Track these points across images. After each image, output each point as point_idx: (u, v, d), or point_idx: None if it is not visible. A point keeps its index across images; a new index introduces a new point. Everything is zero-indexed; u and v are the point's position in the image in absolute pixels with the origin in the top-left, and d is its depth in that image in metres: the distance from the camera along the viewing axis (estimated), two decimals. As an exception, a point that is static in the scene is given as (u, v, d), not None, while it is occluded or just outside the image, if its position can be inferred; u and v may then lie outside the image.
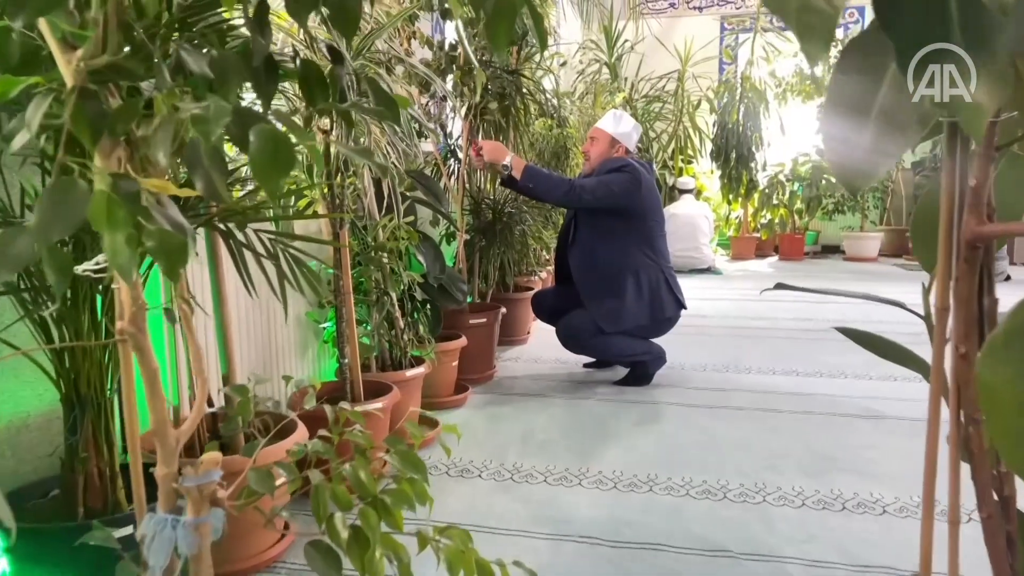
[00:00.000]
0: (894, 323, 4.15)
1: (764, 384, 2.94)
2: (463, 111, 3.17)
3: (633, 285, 2.85)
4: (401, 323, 2.36)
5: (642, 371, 2.92)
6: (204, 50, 0.65)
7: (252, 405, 0.85)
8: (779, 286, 0.93)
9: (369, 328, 2.33)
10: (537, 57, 3.62)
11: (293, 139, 0.55)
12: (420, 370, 2.29)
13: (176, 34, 0.71)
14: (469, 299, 3.30)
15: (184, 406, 1.56)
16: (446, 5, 2.97)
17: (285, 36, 1.87)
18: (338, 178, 2.06)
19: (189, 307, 0.70)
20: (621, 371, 3.04)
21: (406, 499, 0.72)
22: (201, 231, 1.47)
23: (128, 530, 1.00)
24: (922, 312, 0.82)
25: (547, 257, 4.42)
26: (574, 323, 2.88)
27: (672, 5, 8.62)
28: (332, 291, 2.11)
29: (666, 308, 2.91)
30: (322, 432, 0.88)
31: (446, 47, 3.09)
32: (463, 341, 2.71)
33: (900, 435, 2.34)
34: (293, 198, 2.10)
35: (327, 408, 0.92)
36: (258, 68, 0.61)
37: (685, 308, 3.01)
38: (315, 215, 1.93)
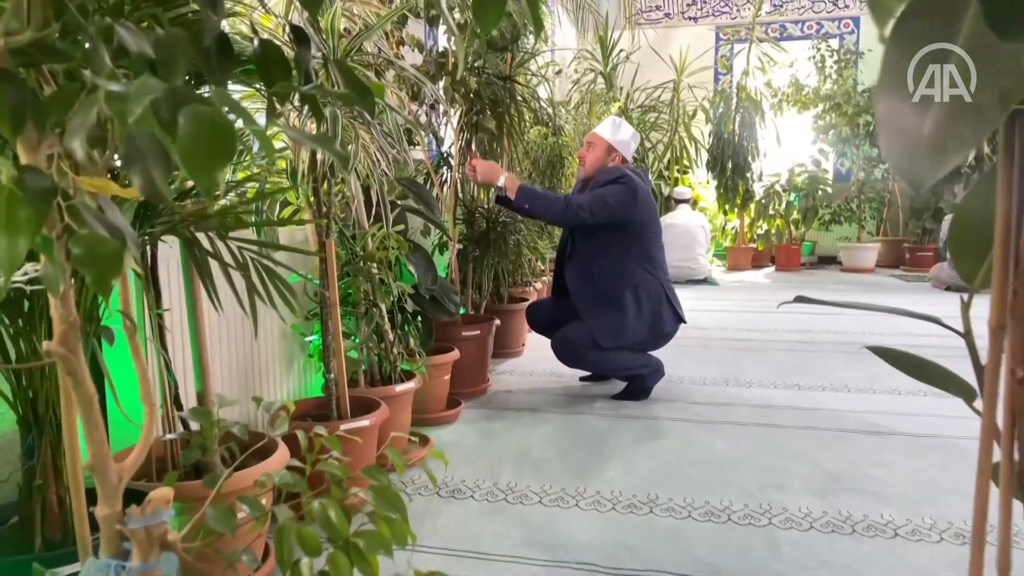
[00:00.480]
0: (898, 335, 4.11)
1: (765, 398, 2.86)
2: (455, 118, 3.10)
3: (632, 301, 2.77)
4: (391, 336, 2.27)
5: (640, 385, 2.84)
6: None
7: (216, 430, 0.76)
8: (799, 299, 0.84)
9: (357, 341, 2.24)
10: (532, 64, 3.56)
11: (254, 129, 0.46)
12: (410, 385, 2.19)
13: (126, 10, 0.63)
14: (462, 311, 3.21)
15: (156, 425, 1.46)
16: (433, 12, 2.92)
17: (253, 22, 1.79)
18: (324, 185, 1.98)
19: (132, 324, 0.61)
20: (618, 385, 2.96)
21: (383, 543, 0.63)
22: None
23: (77, 567, 0.91)
24: (961, 328, 0.74)
25: (542, 268, 4.34)
26: (570, 337, 2.79)
27: (667, 15, 8.60)
28: (318, 303, 2.03)
29: (666, 323, 2.84)
30: (293, 462, 0.79)
31: (435, 53, 3.03)
32: (455, 354, 2.62)
33: (908, 453, 2.26)
34: (278, 206, 2.02)
35: (299, 434, 0.83)
36: (209, 49, 0.52)
37: (684, 322, 2.93)
38: (298, 222, 1.84)
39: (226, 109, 0.47)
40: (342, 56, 1.88)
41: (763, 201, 7.49)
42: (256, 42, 0.55)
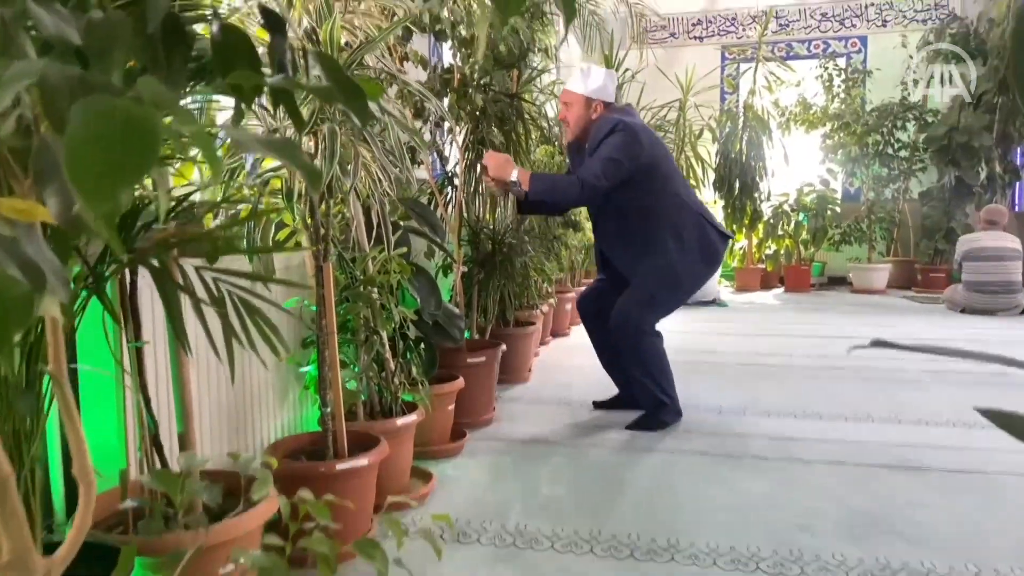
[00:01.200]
0: (918, 361, 3.96)
1: (786, 429, 2.71)
2: (460, 137, 3.00)
3: (674, 240, 2.68)
4: (392, 365, 2.14)
5: (657, 417, 2.70)
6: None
7: (180, 493, 0.64)
8: (877, 343, 0.71)
9: (356, 370, 2.11)
10: (538, 81, 3.46)
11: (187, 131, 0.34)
12: (412, 418, 2.06)
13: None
14: (467, 334, 3.09)
15: (133, 468, 1.34)
16: (439, 27, 2.82)
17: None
18: (323, 206, 1.86)
19: (60, 386, 0.48)
20: (631, 415, 2.81)
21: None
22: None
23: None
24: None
25: (549, 290, 4.21)
26: (623, 305, 2.68)
27: (673, 35, 8.56)
28: (314, 330, 1.90)
29: (715, 244, 2.76)
30: (270, 539, 0.66)
31: (439, 70, 2.93)
32: (460, 383, 2.48)
33: (944, 491, 2.11)
34: (273, 227, 1.90)
35: (281, 501, 0.70)
36: (154, 36, 0.41)
37: (731, 237, 2.88)
38: (290, 250, 1.73)
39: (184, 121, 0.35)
40: (343, 68, 1.77)
41: (771, 221, 7.37)
42: (215, 27, 0.43)
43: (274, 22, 0.52)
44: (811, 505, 2.00)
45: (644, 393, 2.76)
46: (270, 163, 1.84)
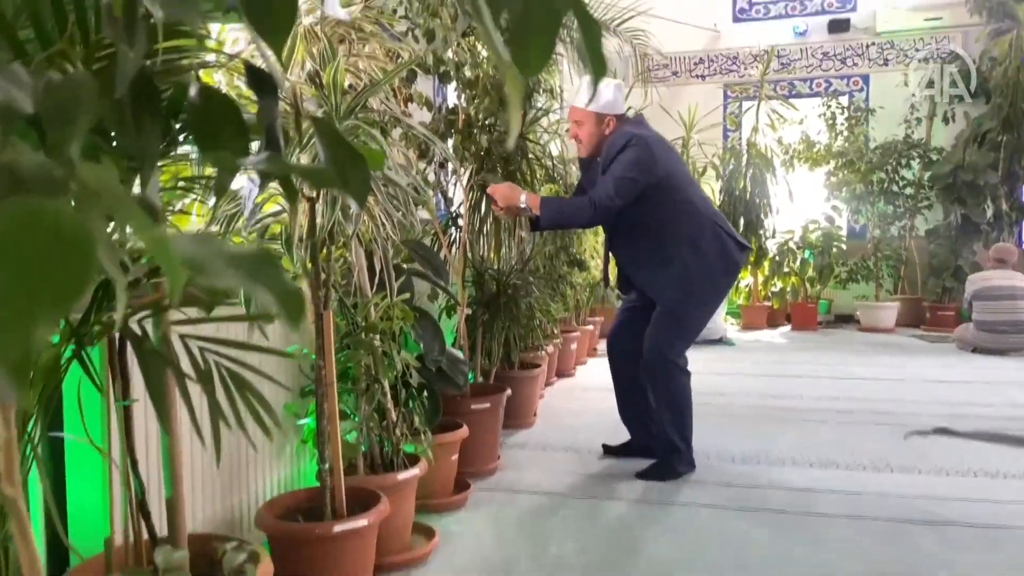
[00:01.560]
0: (933, 403, 3.86)
1: (802, 479, 2.61)
2: (464, 177, 2.96)
3: (691, 253, 2.61)
4: (393, 415, 2.06)
5: (670, 466, 2.61)
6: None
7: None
8: (939, 431, 0.63)
9: (357, 420, 2.03)
10: (544, 120, 3.44)
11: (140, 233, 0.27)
12: (414, 471, 1.97)
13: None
14: (471, 377, 3.00)
15: (118, 535, 1.25)
16: (443, 68, 2.80)
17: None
18: (324, 251, 1.80)
19: (12, 495, 0.41)
20: (642, 464, 2.71)
21: None
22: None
23: None
24: None
25: (554, 330, 4.13)
26: (651, 334, 2.62)
27: (675, 73, 8.61)
28: (312, 380, 1.83)
29: (734, 255, 2.69)
30: None
31: (444, 111, 2.90)
32: (464, 432, 2.40)
33: (974, 548, 2.00)
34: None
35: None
36: (122, 100, 0.34)
37: (749, 248, 2.82)
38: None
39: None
40: (345, 113, 1.73)
41: (777, 258, 7.31)
42: (194, 91, 0.37)
43: (262, 82, 0.46)
44: (835, 566, 1.90)
45: (661, 437, 2.67)
46: (270, 208, 1.79)
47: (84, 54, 0.46)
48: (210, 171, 1.74)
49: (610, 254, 2.90)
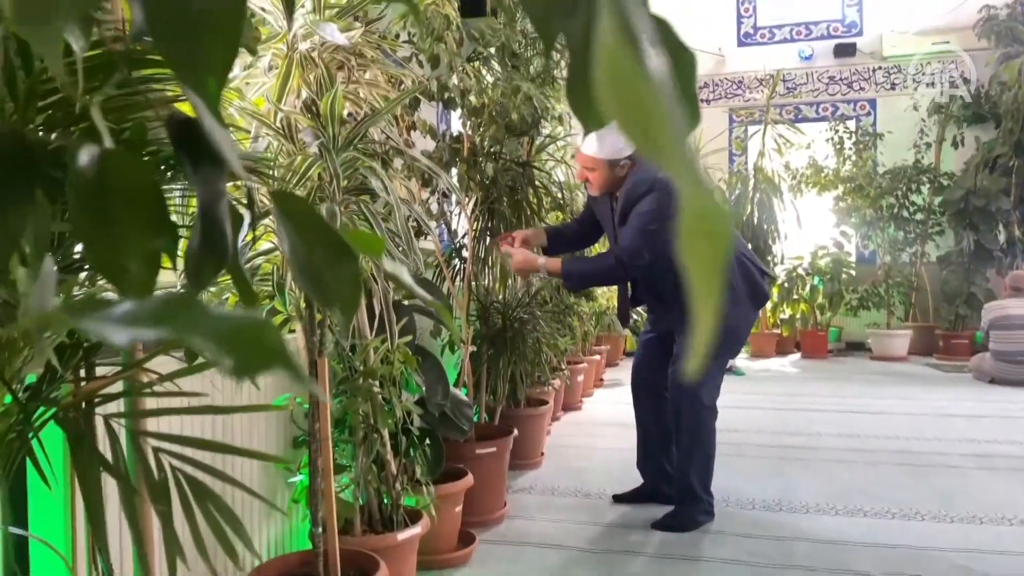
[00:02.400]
0: (955, 441, 3.70)
1: (829, 530, 2.45)
2: (469, 207, 2.83)
3: (729, 292, 2.44)
4: (393, 467, 1.91)
5: (689, 516, 2.46)
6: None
7: None
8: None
9: (353, 472, 1.88)
10: (551, 148, 3.32)
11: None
12: (416, 530, 1.82)
13: None
14: (474, 413, 2.85)
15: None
16: (448, 95, 2.69)
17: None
18: (319, 292, 1.67)
19: None
20: (657, 510, 2.55)
21: None
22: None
23: None
24: None
25: (560, 364, 3.98)
26: (681, 379, 2.48)
27: (679, 98, 8.55)
28: (305, 432, 1.69)
29: (763, 285, 2.58)
30: None
31: (448, 139, 2.79)
32: (468, 481, 2.24)
33: (1024, 615, 1.84)
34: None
35: None
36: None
37: (774, 278, 2.69)
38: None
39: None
40: (343, 144, 1.60)
41: (786, 285, 7.18)
42: (85, 159, 0.24)
43: (194, 143, 0.32)
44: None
45: (682, 484, 2.51)
46: (260, 247, 1.66)
47: None
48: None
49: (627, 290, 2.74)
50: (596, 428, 4.03)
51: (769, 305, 7.33)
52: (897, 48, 7.55)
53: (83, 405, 0.68)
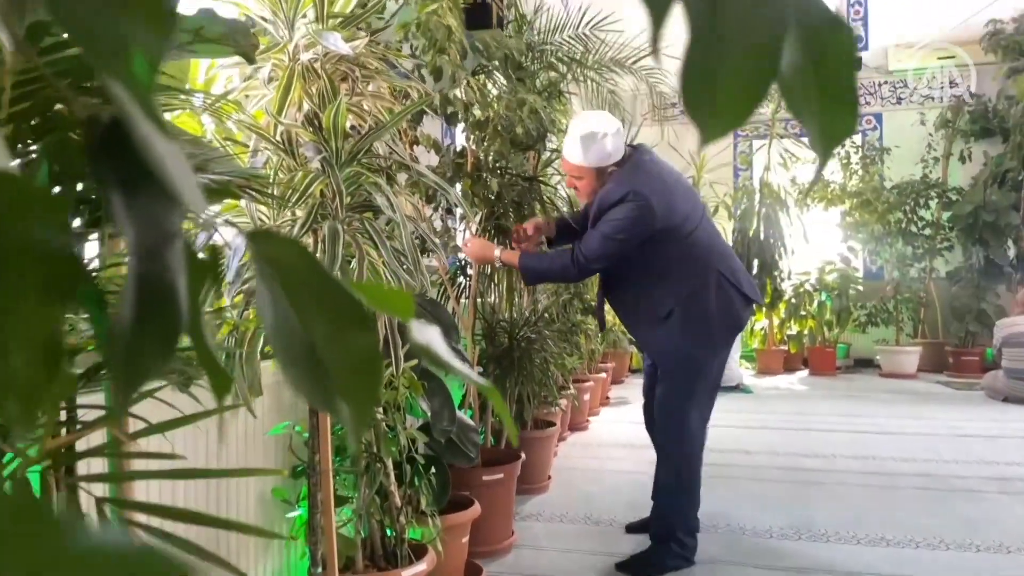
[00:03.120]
0: (974, 463, 3.58)
1: (851, 560, 2.34)
2: (475, 223, 2.75)
3: (687, 307, 2.28)
4: (397, 498, 1.81)
5: (658, 556, 2.28)
6: None
7: None
8: None
9: (356, 499, 1.78)
10: (557, 162, 3.24)
11: None
12: (421, 567, 1.72)
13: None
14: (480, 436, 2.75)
15: None
16: (451, 109, 2.62)
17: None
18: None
19: None
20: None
21: None
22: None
23: None
24: None
25: (567, 383, 3.88)
26: (660, 399, 2.38)
27: (682, 112, 8.50)
28: (305, 463, 1.59)
29: (737, 311, 2.36)
30: None
31: (452, 153, 2.71)
32: (475, 510, 2.14)
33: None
34: (261, 341, 1.61)
35: None
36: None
37: (760, 303, 2.65)
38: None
39: None
40: (347, 159, 1.52)
41: (793, 301, 7.08)
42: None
43: (120, 161, 0.22)
44: None
45: (658, 519, 2.36)
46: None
47: None
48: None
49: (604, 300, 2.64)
50: (604, 449, 3.92)
51: (776, 321, 7.23)
52: (903, 62, 7.50)
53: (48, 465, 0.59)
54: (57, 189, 0.49)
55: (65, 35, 0.44)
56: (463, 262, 2.95)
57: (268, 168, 1.51)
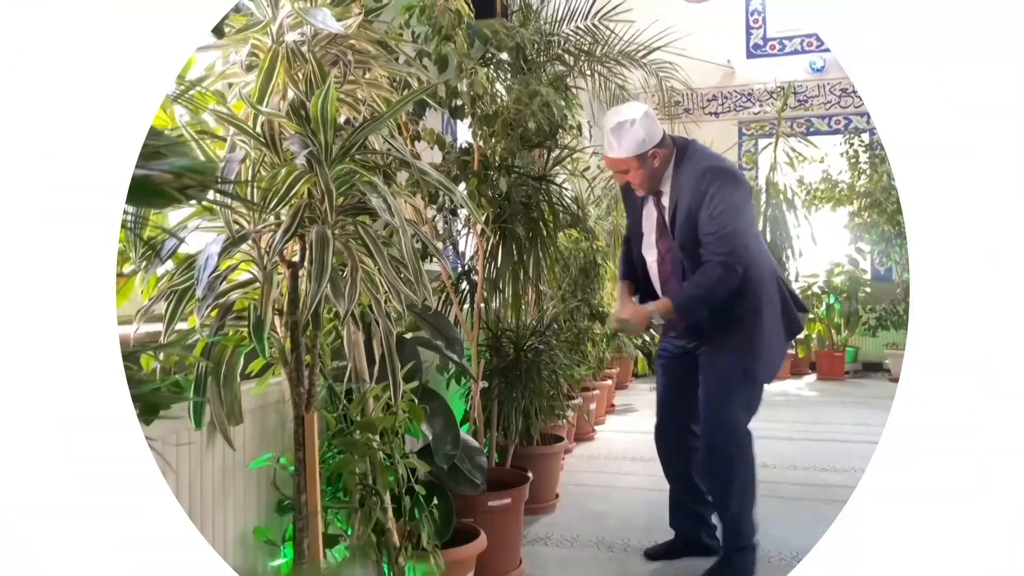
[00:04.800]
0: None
1: (890, 593, 2.15)
2: (479, 227, 2.55)
3: (761, 309, 2.19)
4: (395, 536, 1.62)
5: (741, 564, 2.21)
6: None
7: None
8: None
9: (349, 533, 1.59)
10: (569, 163, 3.06)
11: None
12: (423, 616, 1.53)
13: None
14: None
15: None
16: (456, 101, 2.42)
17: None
18: (307, 330, 1.39)
19: None
20: (695, 564, 2.26)
21: None
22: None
23: None
24: None
25: (574, 393, 3.69)
26: (718, 418, 2.21)
27: (687, 111, 8.31)
28: (288, 498, 1.40)
29: (796, 316, 2.32)
30: None
31: (456, 150, 2.52)
32: (481, 543, 1.95)
33: None
34: (243, 359, 1.41)
35: None
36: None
37: (806, 309, 2.54)
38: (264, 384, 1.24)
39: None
40: (338, 155, 1.33)
41: (801, 304, 6.90)
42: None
43: None
44: None
45: (732, 533, 2.25)
46: (237, 276, 1.38)
47: None
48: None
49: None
50: (613, 463, 3.73)
51: (784, 325, 7.05)
52: (913, 59, 7.33)
53: None
54: None
55: None
56: (467, 267, 2.75)
57: (247, 164, 1.31)
